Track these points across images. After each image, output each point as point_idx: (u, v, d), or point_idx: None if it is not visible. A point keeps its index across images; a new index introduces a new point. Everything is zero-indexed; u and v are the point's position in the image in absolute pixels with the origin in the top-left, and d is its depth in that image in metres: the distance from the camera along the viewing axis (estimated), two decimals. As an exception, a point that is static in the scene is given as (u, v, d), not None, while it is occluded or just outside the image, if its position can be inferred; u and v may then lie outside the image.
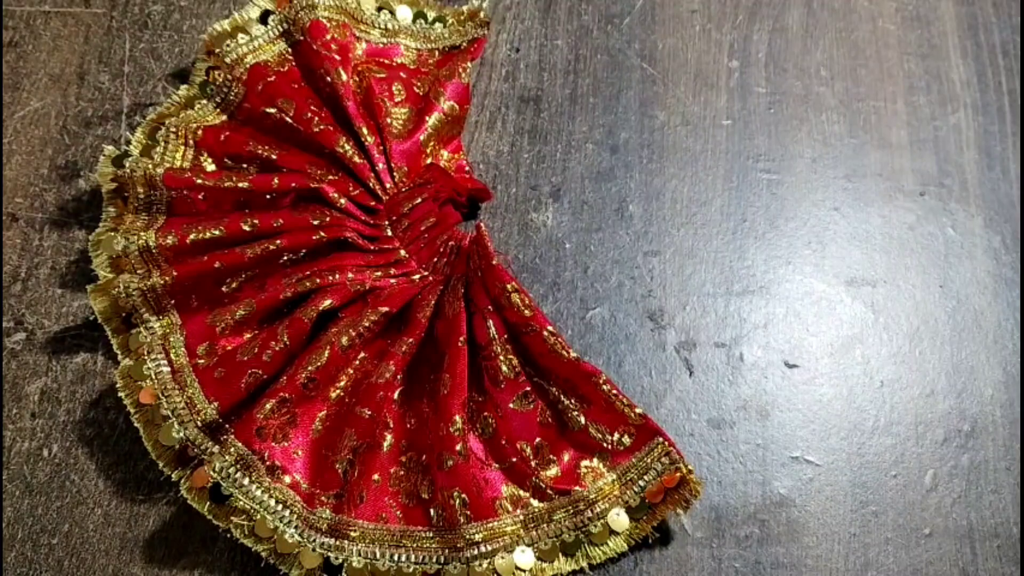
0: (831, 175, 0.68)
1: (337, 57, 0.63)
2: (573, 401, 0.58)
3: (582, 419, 0.58)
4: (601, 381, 0.57)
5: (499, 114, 0.68)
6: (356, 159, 0.62)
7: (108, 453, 0.58)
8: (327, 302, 0.58)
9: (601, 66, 0.70)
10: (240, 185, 0.60)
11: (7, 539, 0.56)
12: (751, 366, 0.62)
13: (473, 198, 0.65)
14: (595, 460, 0.58)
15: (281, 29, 0.66)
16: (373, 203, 0.62)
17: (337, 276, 0.59)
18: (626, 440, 0.57)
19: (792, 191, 0.68)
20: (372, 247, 0.61)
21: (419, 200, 0.62)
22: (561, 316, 0.63)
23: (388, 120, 0.64)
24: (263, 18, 0.66)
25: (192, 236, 0.59)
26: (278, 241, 0.59)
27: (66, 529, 0.56)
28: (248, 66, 0.64)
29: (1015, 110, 0.71)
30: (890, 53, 0.72)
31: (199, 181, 0.60)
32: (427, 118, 0.64)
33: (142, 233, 0.60)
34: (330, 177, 0.61)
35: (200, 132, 0.63)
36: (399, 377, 0.59)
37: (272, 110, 0.62)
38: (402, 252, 0.62)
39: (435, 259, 0.62)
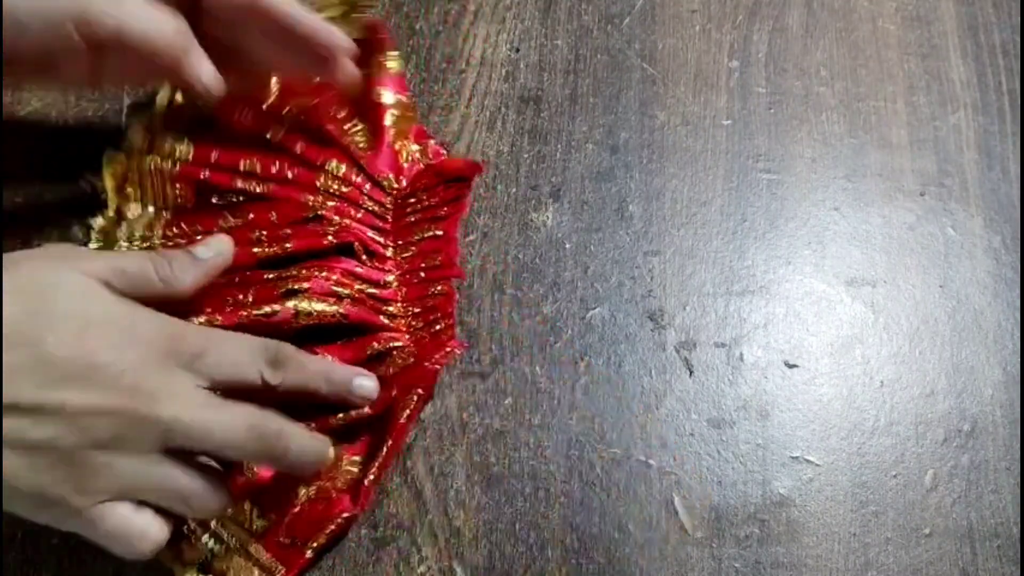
0: (831, 175, 0.68)
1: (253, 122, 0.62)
2: None
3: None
4: None
5: (499, 114, 0.68)
6: (343, 188, 0.61)
7: (108, 453, 0.58)
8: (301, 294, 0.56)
9: (601, 66, 0.70)
10: (236, 223, 0.59)
11: (7, 539, 0.56)
12: (751, 366, 0.62)
13: (465, 177, 0.64)
14: None
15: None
16: (380, 223, 0.61)
17: (325, 274, 0.57)
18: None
19: (792, 191, 0.68)
20: (368, 263, 0.60)
21: (429, 234, 0.61)
22: (561, 316, 0.63)
23: (349, 140, 0.62)
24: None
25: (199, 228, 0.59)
26: (287, 245, 0.58)
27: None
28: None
29: (1015, 110, 0.71)
30: (890, 53, 0.72)
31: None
32: (382, 119, 0.63)
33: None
34: (330, 204, 0.60)
35: (177, 169, 0.61)
36: None
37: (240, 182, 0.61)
38: (390, 278, 0.60)
39: (422, 300, 0.60)
